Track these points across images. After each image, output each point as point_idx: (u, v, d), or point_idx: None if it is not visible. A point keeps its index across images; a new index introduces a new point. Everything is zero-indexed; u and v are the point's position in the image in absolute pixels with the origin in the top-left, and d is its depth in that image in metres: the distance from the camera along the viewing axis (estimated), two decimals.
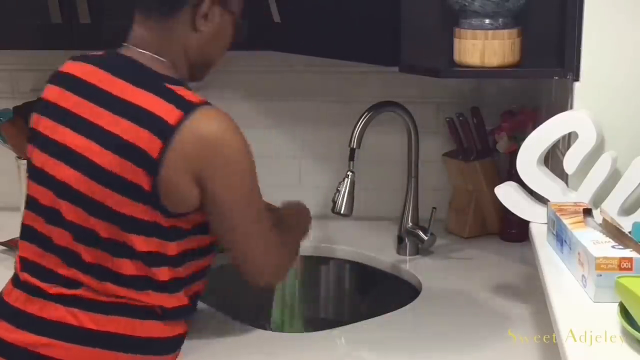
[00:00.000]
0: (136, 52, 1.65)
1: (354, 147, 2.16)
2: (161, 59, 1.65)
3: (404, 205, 2.32)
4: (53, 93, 1.70)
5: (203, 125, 1.57)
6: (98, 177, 1.59)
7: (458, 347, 1.83)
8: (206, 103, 1.60)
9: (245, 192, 1.66)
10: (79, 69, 1.70)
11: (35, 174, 1.68)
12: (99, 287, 1.63)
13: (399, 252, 2.32)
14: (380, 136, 2.42)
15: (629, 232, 1.54)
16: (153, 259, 1.62)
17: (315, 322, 2.38)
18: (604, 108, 1.77)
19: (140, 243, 1.60)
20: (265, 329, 1.97)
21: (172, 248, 1.62)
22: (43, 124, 1.68)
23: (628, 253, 1.44)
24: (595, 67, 1.77)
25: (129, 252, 1.61)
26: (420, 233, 2.27)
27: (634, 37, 1.75)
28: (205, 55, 1.71)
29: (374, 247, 2.38)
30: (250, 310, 2.32)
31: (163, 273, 1.62)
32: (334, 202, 2.16)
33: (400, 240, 2.32)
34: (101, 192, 1.59)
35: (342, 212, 2.15)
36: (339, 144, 2.27)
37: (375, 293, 2.34)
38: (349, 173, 2.16)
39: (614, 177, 1.74)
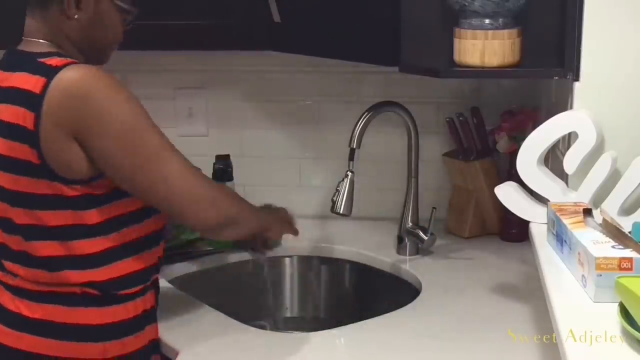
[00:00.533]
0: (25, 41, 1.73)
1: (354, 147, 2.15)
2: (45, 41, 1.71)
3: (404, 205, 2.32)
4: None
5: (63, 82, 1.59)
6: None
7: (458, 347, 1.83)
8: (70, 63, 1.63)
9: (132, 138, 1.63)
10: None
11: None
12: (28, 275, 1.68)
13: (399, 252, 2.32)
14: (380, 136, 2.42)
15: (629, 232, 1.53)
16: (69, 232, 1.64)
17: (315, 322, 2.38)
18: (604, 108, 1.77)
19: (51, 218, 1.64)
20: (265, 329, 1.97)
21: (90, 217, 1.64)
22: None
23: (628, 253, 1.44)
24: (595, 67, 1.77)
25: (44, 232, 1.65)
26: (420, 233, 2.27)
27: (635, 37, 1.75)
28: (92, 41, 1.74)
29: (374, 247, 2.38)
30: (250, 310, 2.32)
31: (83, 246, 1.65)
32: (334, 202, 2.16)
33: (400, 240, 2.32)
34: (2, 178, 1.66)
35: (341, 212, 2.15)
36: (339, 144, 2.27)
37: (375, 293, 2.34)
38: (349, 173, 2.16)
39: (614, 177, 1.74)
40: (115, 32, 1.78)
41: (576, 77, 1.79)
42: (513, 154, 2.07)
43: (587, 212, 1.63)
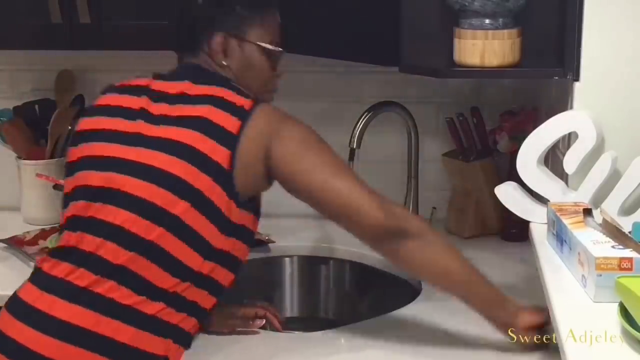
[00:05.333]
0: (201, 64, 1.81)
1: (354, 147, 2.16)
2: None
3: (404, 205, 2.32)
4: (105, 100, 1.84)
5: (258, 125, 1.69)
6: (160, 180, 1.67)
7: (458, 347, 1.83)
8: (254, 100, 1.72)
9: (312, 156, 1.73)
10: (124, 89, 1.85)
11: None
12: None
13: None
14: (380, 136, 2.42)
15: (629, 232, 1.54)
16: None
17: (315, 322, 2.38)
18: (604, 108, 1.77)
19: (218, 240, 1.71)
20: (265, 329, 1.96)
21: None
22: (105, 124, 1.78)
23: (628, 253, 1.44)
24: (595, 67, 1.77)
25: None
26: None
27: (634, 37, 1.75)
28: (246, 86, 1.78)
29: None
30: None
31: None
32: None
33: None
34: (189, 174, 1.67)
35: None
36: (339, 144, 2.26)
37: (375, 293, 2.34)
38: None
39: (614, 177, 1.74)
40: (266, 76, 1.85)
41: (576, 77, 1.79)
42: (513, 154, 2.07)
43: (587, 212, 1.63)
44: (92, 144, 1.75)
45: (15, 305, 1.70)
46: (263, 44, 1.81)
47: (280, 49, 1.85)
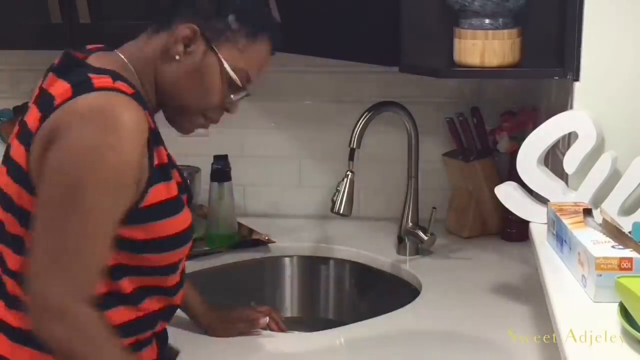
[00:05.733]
0: (108, 51, 1.58)
1: (354, 147, 2.15)
2: (127, 63, 1.54)
3: (404, 205, 2.32)
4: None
5: (84, 101, 1.41)
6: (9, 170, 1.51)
7: (458, 347, 1.83)
8: (116, 90, 1.44)
9: (69, 188, 1.39)
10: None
11: None
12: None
13: (399, 252, 2.32)
14: (380, 136, 2.42)
15: (629, 232, 1.54)
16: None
17: (315, 322, 2.38)
18: (604, 108, 1.77)
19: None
20: (265, 329, 1.96)
21: None
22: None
23: (628, 253, 1.44)
24: (595, 67, 1.77)
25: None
26: (420, 233, 2.27)
27: (634, 37, 1.75)
28: (177, 92, 1.55)
29: (374, 247, 2.38)
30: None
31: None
32: (334, 202, 2.16)
33: (400, 240, 2.32)
34: (7, 185, 1.51)
35: (341, 212, 2.15)
36: (339, 144, 2.27)
37: (375, 293, 2.34)
38: (349, 173, 2.16)
39: (614, 177, 1.74)
40: (209, 98, 1.56)
41: (576, 77, 1.79)
42: (513, 154, 2.07)
43: (587, 212, 1.63)
44: None
45: None
46: (229, 69, 1.55)
47: (241, 86, 1.58)
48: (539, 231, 1.76)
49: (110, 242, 1.45)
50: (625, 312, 1.34)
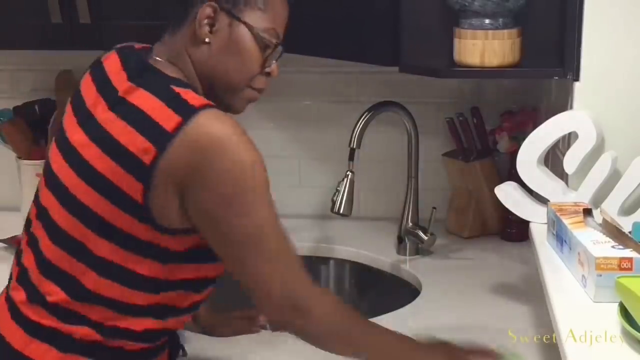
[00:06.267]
0: (152, 58, 1.54)
1: (354, 147, 2.15)
2: (172, 65, 1.53)
3: (404, 205, 2.32)
4: (86, 82, 1.59)
5: (200, 129, 1.41)
6: (89, 178, 1.47)
7: None
8: (210, 106, 1.45)
9: (243, 212, 1.43)
10: (110, 60, 1.58)
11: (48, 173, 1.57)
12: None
13: (399, 252, 2.32)
14: (380, 136, 2.42)
15: (629, 232, 1.54)
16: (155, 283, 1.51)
17: None
18: (604, 108, 1.77)
19: (143, 266, 1.48)
20: (265, 328, 1.96)
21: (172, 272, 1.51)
22: (67, 117, 1.58)
23: (628, 253, 1.44)
24: (595, 67, 1.77)
25: (131, 277, 1.49)
26: (420, 233, 2.27)
27: (634, 37, 1.75)
28: (219, 73, 1.53)
29: (374, 247, 2.38)
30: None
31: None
32: (334, 202, 2.16)
33: (400, 240, 2.32)
34: (93, 199, 1.46)
35: (341, 212, 2.15)
36: (339, 144, 2.27)
37: (375, 293, 2.34)
38: (349, 173, 2.16)
39: (614, 177, 1.74)
40: (250, 68, 1.54)
41: (576, 77, 1.79)
42: (513, 154, 2.07)
43: (587, 212, 1.63)
44: (53, 147, 1.60)
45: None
46: (259, 31, 1.52)
47: (278, 43, 1.56)
48: (539, 231, 1.76)
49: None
50: (625, 312, 1.34)
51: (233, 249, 1.47)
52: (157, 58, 1.54)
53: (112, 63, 1.57)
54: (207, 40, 1.50)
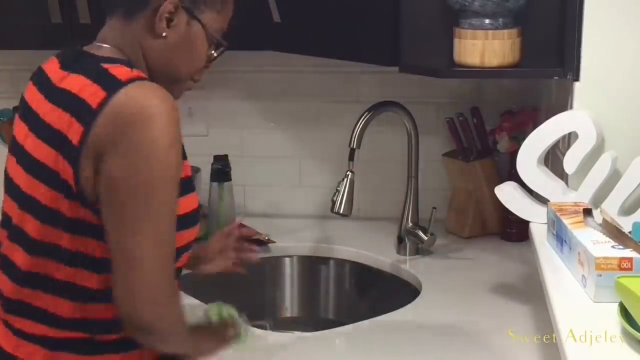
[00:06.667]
0: (95, 45, 1.56)
1: (354, 147, 2.15)
2: (115, 48, 1.53)
3: (404, 205, 2.32)
4: (29, 89, 1.61)
5: (124, 101, 1.40)
6: (31, 169, 1.48)
7: (458, 347, 1.83)
8: (139, 79, 1.45)
9: (148, 187, 1.40)
10: (49, 63, 1.60)
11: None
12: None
13: (399, 252, 2.32)
14: (380, 136, 2.42)
15: (629, 232, 1.54)
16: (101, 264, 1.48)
17: (315, 322, 2.38)
18: (604, 108, 1.78)
19: (93, 247, 1.47)
20: (265, 329, 1.97)
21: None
22: (16, 125, 1.61)
23: (628, 253, 1.44)
24: (595, 67, 1.77)
25: (84, 260, 1.48)
26: (420, 233, 2.27)
27: (634, 37, 1.75)
28: (169, 65, 1.55)
29: (374, 247, 2.38)
30: (250, 310, 2.32)
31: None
32: (334, 202, 2.16)
33: (400, 240, 2.32)
34: (33, 187, 1.47)
35: (341, 212, 2.15)
36: (339, 144, 2.27)
37: (375, 293, 2.34)
38: (349, 173, 2.16)
39: (614, 177, 1.74)
40: (197, 64, 1.58)
41: (576, 77, 1.79)
42: (513, 154, 2.07)
43: (587, 212, 1.63)
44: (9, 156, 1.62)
45: None
46: (212, 32, 1.55)
47: (225, 43, 1.58)
48: (539, 231, 1.76)
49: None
50: (625, 312, 1.34)
51: (118, 230, 1.42)
52: (100, 44, 1.55)
53: (50, 63, 1.59)
54: (164, 34, 1.52)
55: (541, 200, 1.82)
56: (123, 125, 1.39)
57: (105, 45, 1.55)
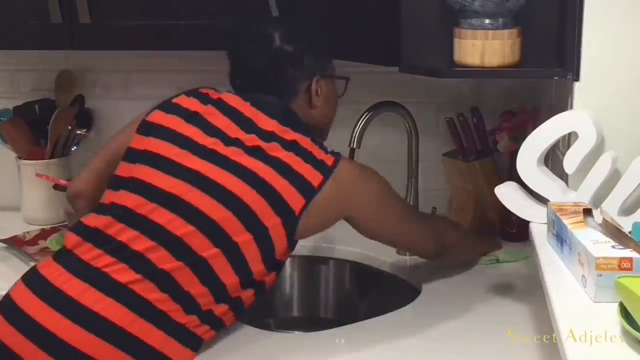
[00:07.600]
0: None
1: (354, 147, 2.15)
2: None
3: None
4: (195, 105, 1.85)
5: (341, 179, 1.79)
6: (233, 206, 1.70)
7: (458, 347, 1.83)
8: (336, 158, 1.81)
9: (384, 211, 1.90)
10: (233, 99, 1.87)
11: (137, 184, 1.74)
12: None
13: (399, 252, 2.32)
14: (380, 136, 2.41)
15: (629, 232, 1.53)
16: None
17: (315, 322, 2.38)
18: (604, 108, 1.77)
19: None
20: (265, 329, 1.97)
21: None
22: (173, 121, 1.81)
23: (628, 253, 1.44)
24: (595, 67, 1.77)
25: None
26: None
27: (634, 37, 1.75)
28: (325, 119, 1.95)
29: (374, 247, 2.37)
30: (250, 309, 2.32)
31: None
32: None
33: None
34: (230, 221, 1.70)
35: None
36: (339, 144, 2.26)
37: (375, 293, 2.34)
38: None
39: (614, 177, 1.74)
40: (336, 107, 1.98)
41: (576, 77, 1.79)
42: (513, 154, 2.07)
43: (587, 212, 1.63)
44: (163, 142, 1.76)
45: (37, 281, 1.70)
46: (339, 75, 1.97)
47: (348, 77, 2.01)
48: (539, 231, 1.76)
49: None
50: (625, 312, 1.34)
51: (394, 228, 1.95)
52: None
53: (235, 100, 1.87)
54: (318, 104, 1.91)
55: (541, 200, 1.82)
56: (359, 183, 1.88)
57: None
